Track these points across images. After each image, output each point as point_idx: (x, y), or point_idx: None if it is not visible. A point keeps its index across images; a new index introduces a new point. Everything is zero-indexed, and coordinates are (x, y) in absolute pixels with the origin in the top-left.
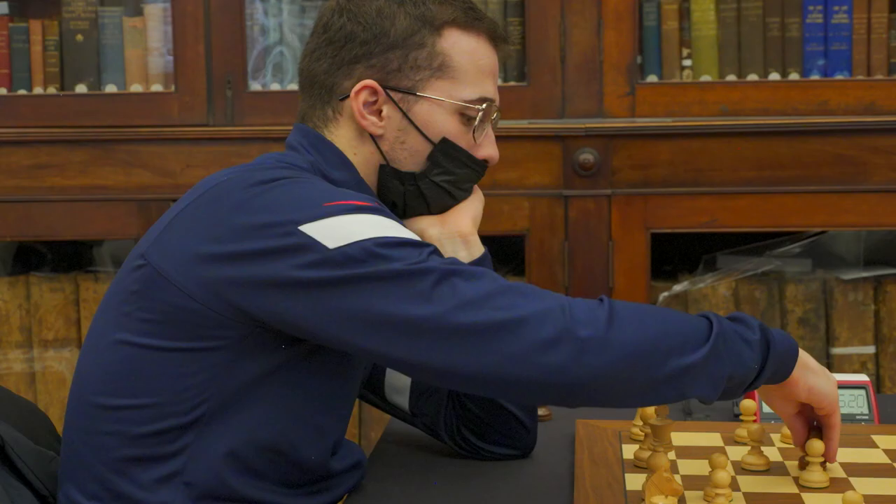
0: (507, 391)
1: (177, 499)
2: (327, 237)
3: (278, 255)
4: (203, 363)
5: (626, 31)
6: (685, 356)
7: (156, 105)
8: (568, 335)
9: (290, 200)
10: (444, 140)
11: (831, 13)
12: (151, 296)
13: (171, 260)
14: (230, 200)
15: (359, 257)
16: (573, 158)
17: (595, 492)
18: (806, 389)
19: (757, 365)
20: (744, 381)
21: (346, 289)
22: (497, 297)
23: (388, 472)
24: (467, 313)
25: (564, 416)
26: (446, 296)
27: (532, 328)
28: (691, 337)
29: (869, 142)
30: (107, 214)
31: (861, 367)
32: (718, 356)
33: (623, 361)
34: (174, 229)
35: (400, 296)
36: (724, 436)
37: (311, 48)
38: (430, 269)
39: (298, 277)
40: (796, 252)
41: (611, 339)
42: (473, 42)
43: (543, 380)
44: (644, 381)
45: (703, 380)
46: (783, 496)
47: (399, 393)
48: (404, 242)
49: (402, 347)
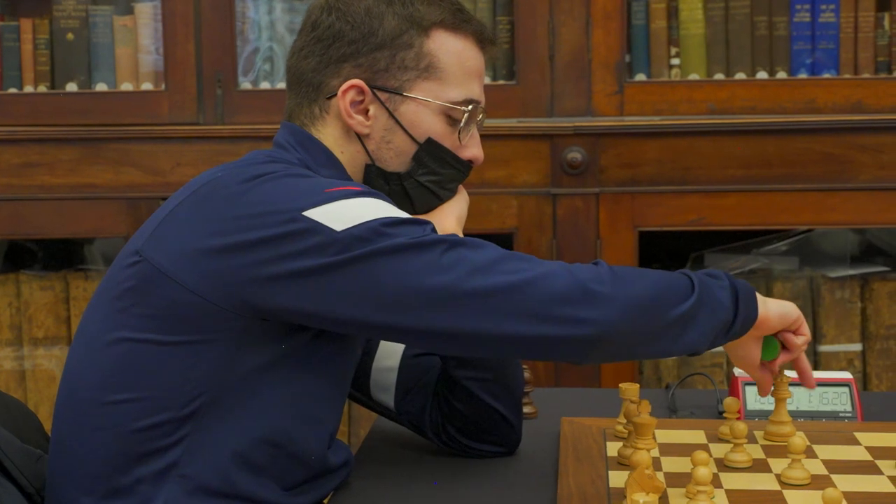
0: (531, 350)
1: (173, 492)
2: (333, 220)
3: (285, 241)
4: (202, 356)
5: (614, 30)
6: (680, 305)
7: (146, 104)
8: (580, 289)
9: (289, 189)
10: (430, 140)
11: (818, 12)
12: (149, 291)
13: (168, 255)
14: (226, 194)
15: (366, 237)
16: (561, 157)
17: (578, 489)
18: (778, 317)
19: (731, 305)
20: (725, 324)
21: (357, 268)
22: (504, 262)
23: (374, 470)
24: (480, 278)
25: (550, 414)
26: (456, 264)
27: (544, 286)
28: (680, 288)
29: (855, 140)
30: (96, 213)
31: (848, 365)
32: (704, 303)
33: (633, 312)
34: (169, 226)
35: (412, 268)
36: (708, 433)
37: (298, 46)
38: (437, 241)
39: (309, 265)
40: (783, 250)
41: (619, 293)
42: (461, 44)
43: (564, 334)
44: (650, 331)
45: (695, 327)
46: (765, 493)
47: (384, 391)
48: (407, 221)
49: (422, 319)
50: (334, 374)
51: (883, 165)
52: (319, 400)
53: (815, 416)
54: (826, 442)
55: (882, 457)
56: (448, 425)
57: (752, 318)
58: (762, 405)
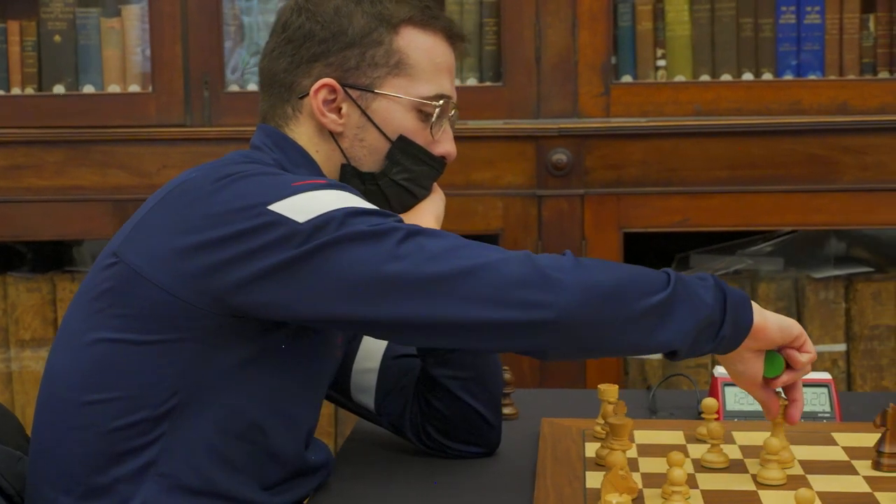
0: (490, 336)
1: (151, 491)
2: (297, 212)
3: (251, 236)
4: (178, 355)
5: (600, 32)
6: (650, 296)
7: (133, 105)
8: (537, 274)
9: (257, 186)
10: (402, 137)
11: (804, 14)
12: (125, 292)
13: (143, 256)
14: (199, 194)
15: (326, 226)
16: (546, 158)
17: (555, 489)
18: (778, 329)
19: (717, 306)
20: (710, 325)
21: (318, 258)
22: (462, 249)
23: (354, 471)
24: (436, 264)
25: (531, 415)
26: (413, 251)
27: (501, 270)
28: (653, 280)
29: (839, 142)
30: (83, 214)
31: (832, 365)
32: (680, 298)
33: (593, 298)
34: (145, 226)
35: (368, 256)
36: (687, 433)
37: (270, 48)
38: (395, 229)
39: (274, 259)
40: (768, 251)
41: (578, 279)
42: (430, 40)
43: (520, 318)
44: (614, 321)
45: (671, 322)
46: (740, 493)
47: (364, 392)
48: (371, 211)
49: (380, 307)
50: (310, 373)
51: (866, 167)
52: (294, 398)
53: None
54: (804, 442)
55: (858, 457)
56: (427, 426)
57: (745, 325)
58: (741, 406)
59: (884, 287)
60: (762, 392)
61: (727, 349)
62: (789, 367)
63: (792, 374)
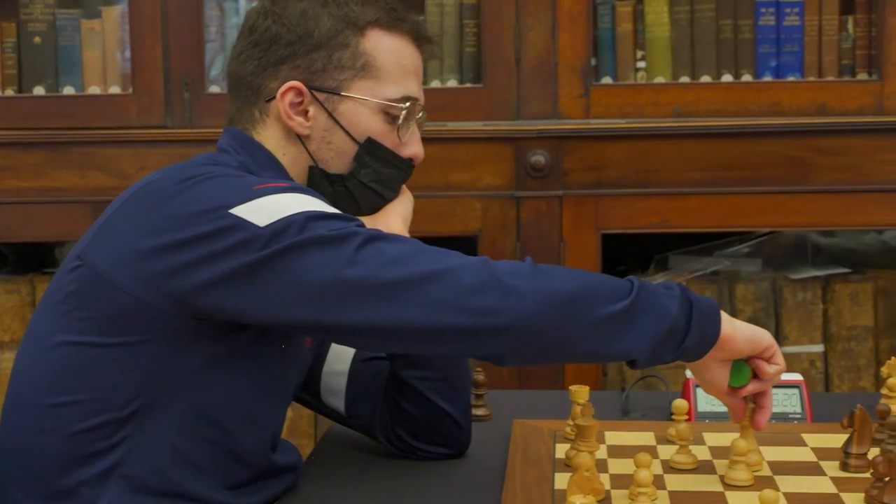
0: (447, 341)
1: (115, 493)
2: (258, 216)
3: (212, 239)
4: (141, 357)
5: (580, 34)
6: (610, 305)
7: (113, 107)
8: (493, 281)
9: (219, 189)
10: (370, 139)
11: (783, 15)
12: (89, 294)
13: (107, 259)
14: (161, 196)
15: (287, 230)
16: (525, 160)
17: (524, 490)
18: (745, 341)
19: (681, 316)
20: (672, 335)
21: (278, 262)
22: (421, 254)
23: (324, 473)
24: (394, 269)
25: (505, 416)
26: (372, 257)
27: (457, 276)
28: (615, 288)
29: (816, 143)
30: (61, 216)
31: (810, 366)
32: (643, 307)
33: (550, 306)
34: (109, 229)
35: (327, 261)
36: (658, 435)
37: (237, 51)
38: (354, 233)
39: (235, 263)
40: (745, 252)
41: (536, 286)
42: (396, 42)
43: (474, 324)
44: (572, 330)
45: (630, 331)
46: (708, 494)
47: (335, 395)
48: (332, 216)
49: (337, 312)
50: (274, 374)
51: (841, 168)
52: (258, 399)
53: None
54: (773, 443)
55: (826, 458)
56: (397, 427)
57: (712, 336)
58: (713, 407)
59: (861, 288)
60: (728, 398)
61: (692, 358)
62: (756, 378)
63: (759, 384)
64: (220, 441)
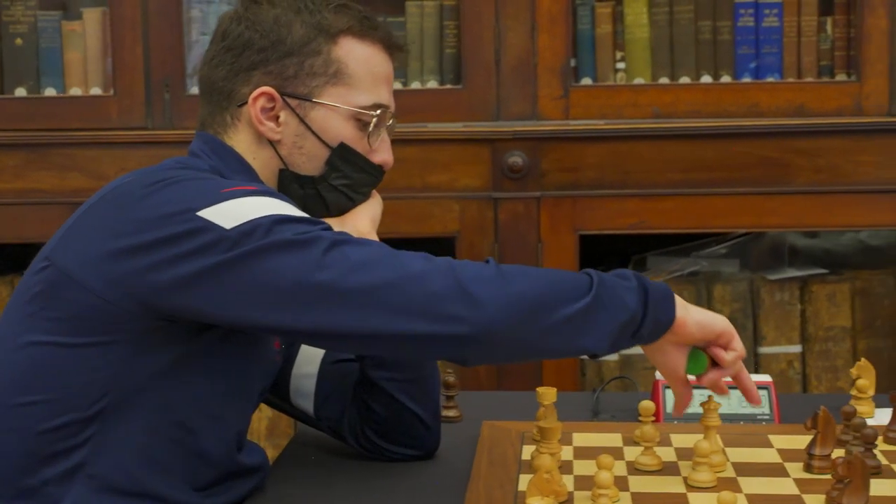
0: (410, 347)
1: (81, 493)
2: (224, 219)
3: (178, 241)
4: (107, 358)
5: (559, 35)
6: (571, 304)
7: (94, 108)
8: (458, 287)
9: (187, 192)
10: (342, 145)
11: (762, 16)
12: (56, 295)
13: (74, 260)
14: (130, 198)
15: (253, 232)
16: (502, 161)
17: (486, 491)
18: (697, 326)
19: (639, 308)
20: (630, 325)
21: (244, 264)
22: (386, 259)
23: (292, 473)
24: (359, 275)
25: (476, 417)
26: (338, 261)
27: (423, 283)
28: (575, 287)
29: (793, 144)
30: (41, 218)
31: (788, 366)
32: (602, 304)
33: (514, 311)
34: (77, 230)
35: (293, 265)
36: (625, 436)
37: (210, 56)
38: (320, 238)
39: (202, 264)
40: (723, 253)
41: (498, 292)
42: (368, 50)
43: (440, 331)
44: (535, 333)
45: (591, 328)
46: (670, 496)
47: (304, 397)
48: (299, 219)
49: (304, 316)
50: (240, 375)
51: (818, 169)
52: (223, 400)
53: (733, 419)
54: (740, 444)
55: (791, 459)
56: (366, 428)
57: (665, 322)
58: None
59: (839, 288)
60: (679, 386)
61: (647, 342)
62: (716, 366)
63: (719, 371)
64: (186, 441)
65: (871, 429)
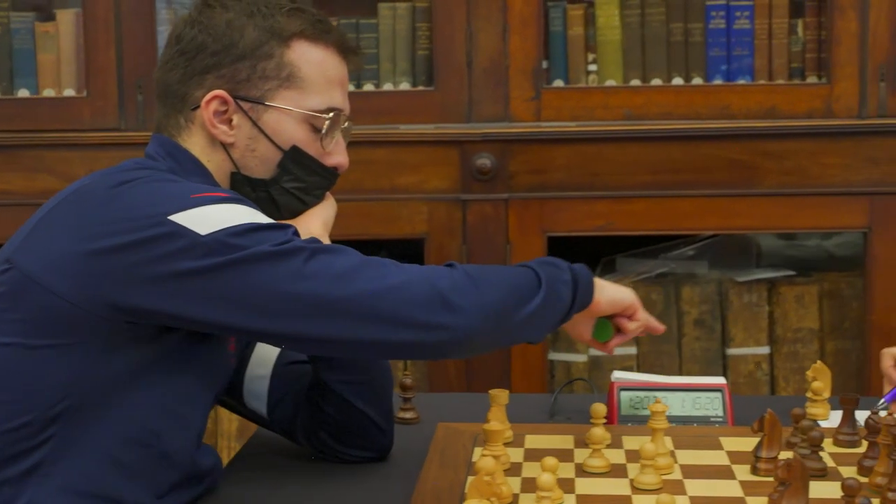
0: (394, 352)
1: (37, 493)
2: (198, 224)
3: (151, 245)
4: (70, 359)
5: (531, 37)
6: (527, 306)
7: (67, 110)
8: (440, 297)
9: (156, 194)
10: (294, 148)
11: (733, 19)
12: (18, 297)
13: (38, 262)
14: (95, 200)
15: (230, 242)
16: (471, 163)
17: (433, 493)
18: (608, 303)
19: (570, 299)
20: (563, 315)
21: (223, 273)
22: (365, 269)
23: (245, 475)
24: (343, 285)
25: (434, 419)
26: (319, 271)
27: (406, 293)
28: (527, 284)
29: (761, 147)
30: (10, 219)
31: (756, 368)
32: (549, 301)
33: (488, 318)
34: (40, 232)
35: (277, 276)
36: (577, 438)
37: (164, 59)
38: (299, 248)
39: (174, 268)
40: (691, 254)
41: (476, 301)
42: (321, 53)
43: (427, 339)
44: (501, 332)
45: (539, 323)
46: (615, 498)
47: (257, 399)
48: (270, 226)
49: (288, 325)
50: (203, 374)
51: (786, 171)
52: (188, 400)
53: (686, 421)
54: (690, 447)
55: (739, 461)
56: (320, 431)
57: (586, 303)
58: (636, 411)
59: (806, 290)
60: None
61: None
62: (619, 332)
63: (622, 337)
64: (151, 442)
65: (818, 431)
